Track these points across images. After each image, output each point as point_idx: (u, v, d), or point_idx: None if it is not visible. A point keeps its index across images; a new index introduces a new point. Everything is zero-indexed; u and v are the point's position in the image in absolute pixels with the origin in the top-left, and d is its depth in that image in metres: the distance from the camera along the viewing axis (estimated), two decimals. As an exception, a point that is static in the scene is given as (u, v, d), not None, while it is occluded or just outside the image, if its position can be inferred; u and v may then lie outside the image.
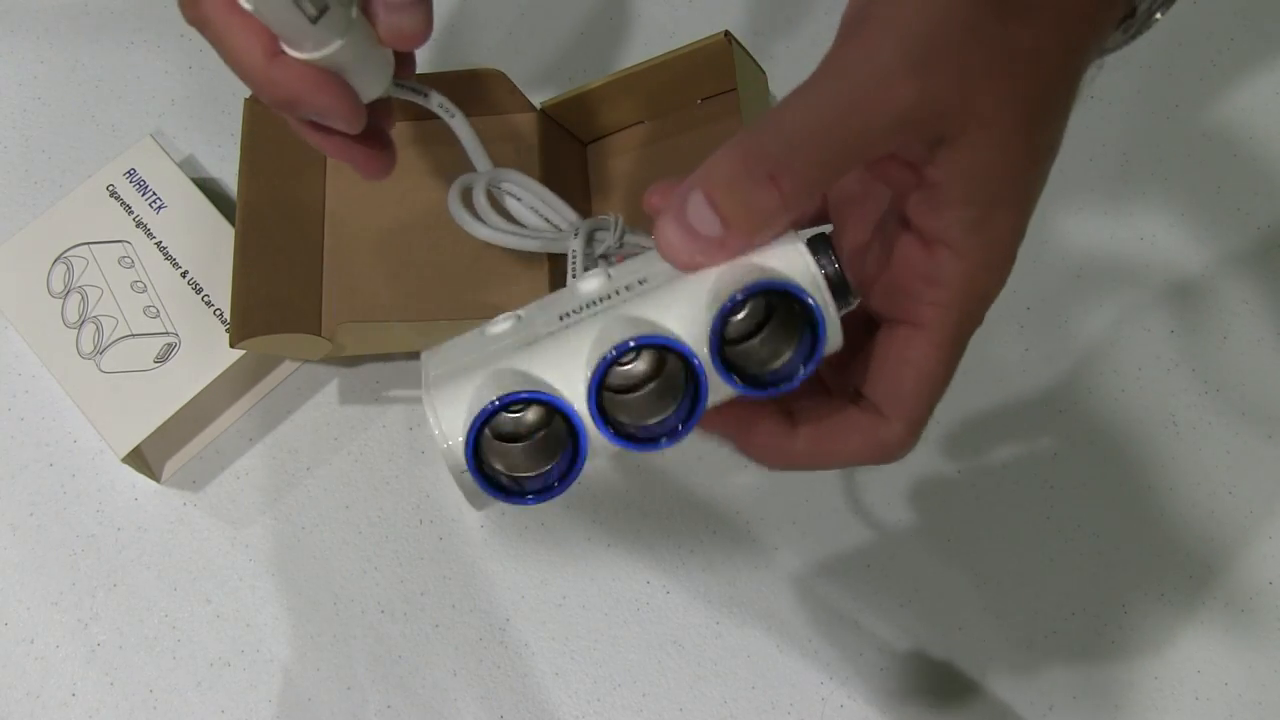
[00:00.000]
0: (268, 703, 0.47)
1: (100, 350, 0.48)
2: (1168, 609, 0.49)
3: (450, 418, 0.27)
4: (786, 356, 0.27)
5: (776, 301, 0.28)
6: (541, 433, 0.29)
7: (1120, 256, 0.54)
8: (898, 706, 0.47)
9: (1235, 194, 0.55)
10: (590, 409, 0.26)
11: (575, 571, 0.49)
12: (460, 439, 0.26)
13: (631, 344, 0.26)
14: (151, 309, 0.49)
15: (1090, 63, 0.28)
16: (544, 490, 0.27)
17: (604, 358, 0.26)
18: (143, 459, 0.49)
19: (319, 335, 0.47)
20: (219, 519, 0.49)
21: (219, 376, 0.47)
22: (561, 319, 0.28)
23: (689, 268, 0.27)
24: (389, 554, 0.49)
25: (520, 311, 0.29)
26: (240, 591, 0.48)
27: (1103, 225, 0.54)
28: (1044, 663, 0.48)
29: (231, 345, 0.44)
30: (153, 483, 0.50)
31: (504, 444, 0.28)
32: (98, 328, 0.48)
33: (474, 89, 0.49)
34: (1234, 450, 0.51)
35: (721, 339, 0.26)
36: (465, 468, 0.26)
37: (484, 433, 0.26)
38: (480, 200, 0.40)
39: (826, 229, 0.32)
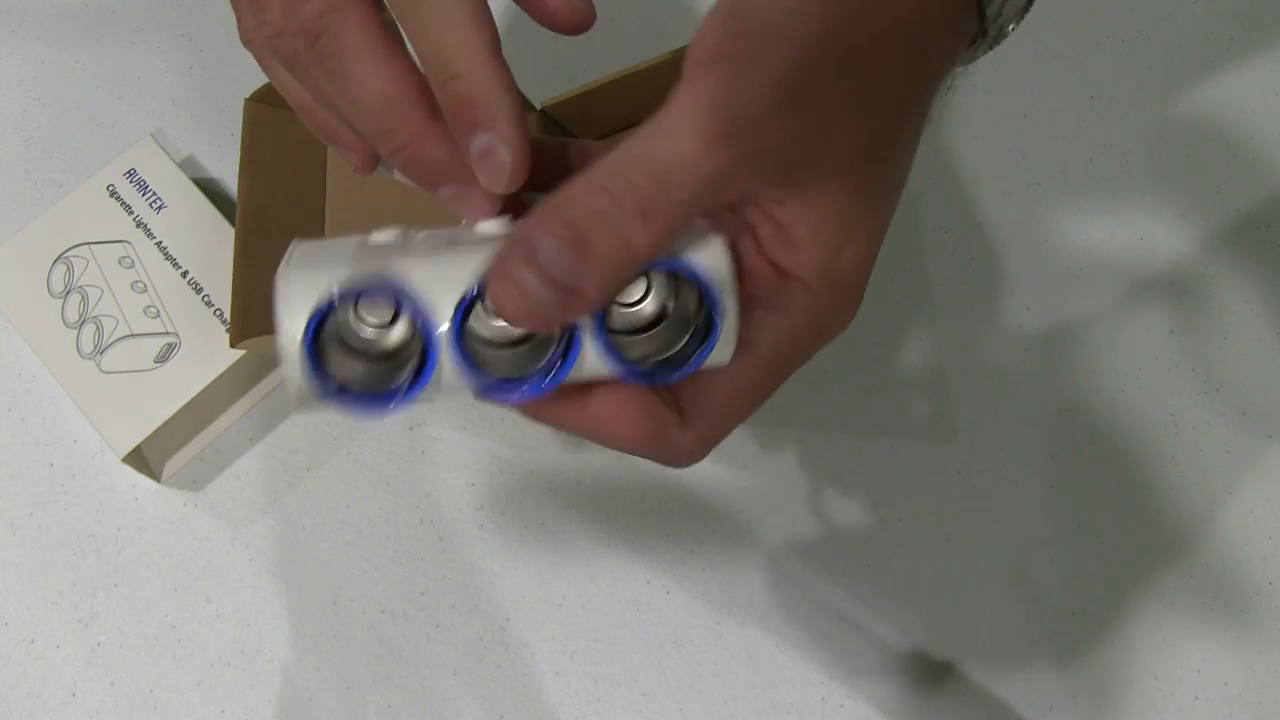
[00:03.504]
0: (268, 703, 0.47)
1: (100, 350, 0.48)
2: (1168, 609, 0.49)
3: (301, 297, 0.25)
4: (667, 353, 0.27)
5: (677, 295, 0.27)
6: (387, 361, 0.27)
7: (1120, 256, 0.54)
8: (898, 706, 0.47)
9: (1235, 194, 0.55)
10: (453, 326, 0.25)
11: (575, 571, 0.49)
12: (307, 313, 0.25)
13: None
14: (151, 309, 0.49)
15: (940, 88, 0.28)
16: (382, 397, 0.25)
17: (479, 282, 0.25)
18: (143, 459, 0.49)
19: (319, 335, 0.47)
20: (219, 519, 0.49)
21: (219, 376, 0.47)
22: (449, 245, 0.26)
23: (537, 325, 0.24)
24: (389, 554, 0.49)
25: (410, 229, 0.28)
26: (240, 591, 0.48)
27: (1103, 225, 0.54)
28: (1044, 663, 0.48)
29: (231, 345, 0.44)
30: (153, 483, 0.50)
31: (351, 360, 0.27)
32: (98, 328, 0.48)
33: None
34: (1234, 450, 0.51)
35: (604, 312, 0.25)
36: (301, 346, 0.24)
37: (335, 315, 0.25)
38: None
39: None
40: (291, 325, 0.25)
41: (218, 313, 0.48)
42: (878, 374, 0.52)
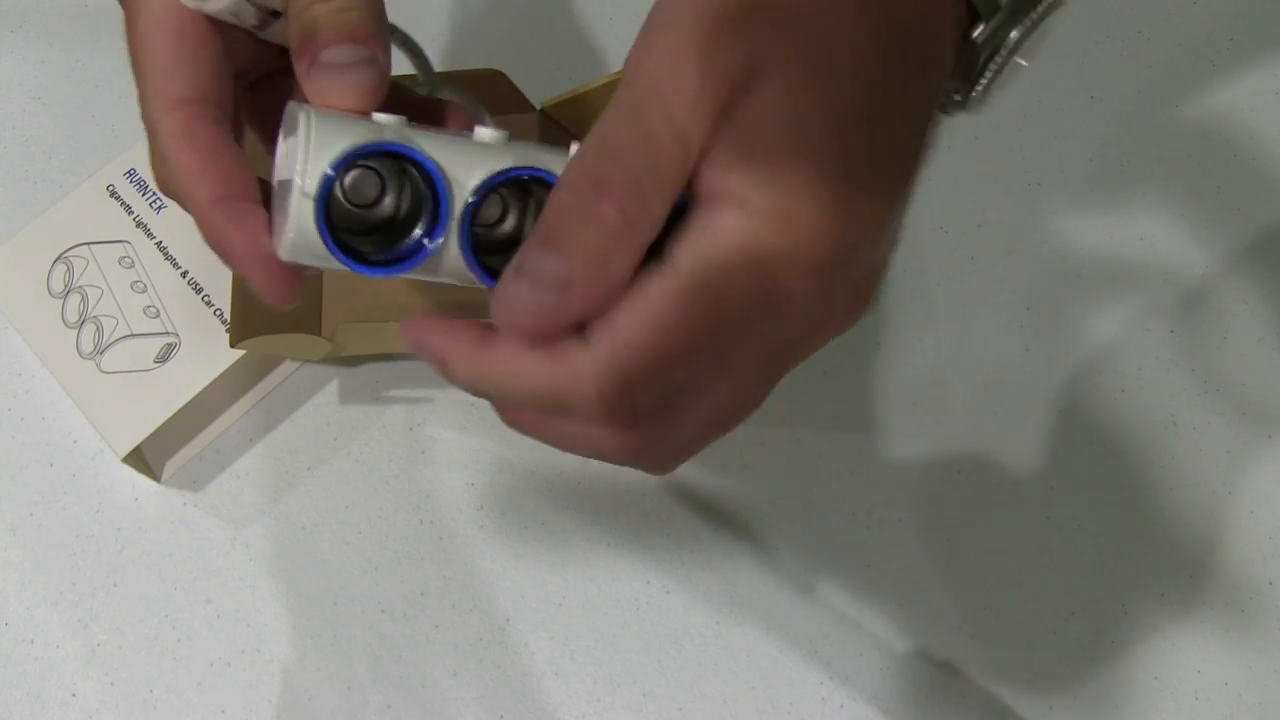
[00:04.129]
0: (268, 703, 0.47)
1: (100, 350, 0.48)
2: (1167, 609, 0.49)
3: (330, 136, 0.24)
4: None
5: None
6: (369, 233, 0.27)
7: (1120, 256, 0.54)
8: (898, 706, 0.47)
9: (1235, 194, 0.55)
10: (468, 209, 0.26)
11: (575, 571, 0.49)
12: (335, 154, 0.24)
13: (526, 174, 0.26)
14: (151, 309, 0.49)
15: (937, 92, 0.27)
16: (400, 260, 0.25)
17: (505, 170, 0.26)
18: (143, 459, 0.49)
19: (319, 335, 0.47)
20: (219, 519, 0.49)
21: (219, 376, 0.47)
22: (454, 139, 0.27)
23: (538, 331, 0.25)
24: (389, 554, 0.49)
25: (411, 122, 0.28)
26: (240, 591, 0.48)
27: (1103, 225, 0.54)
28: (1044, 663, 0.48)
29: (231, 345, 0.44)
30: (153, 483, 0.50)
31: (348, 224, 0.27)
32: (98, 328, 0.48)
33: (474, 89, 0.49)
34: (1234, 450, 0.51)
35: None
36: (319, 185, 0.24)
37: (352, 171, 0.25)
38: None
39: None
40: (317, 160, 0.24)
41: (218, 313, 0.48)
42: (878, 374, 0.52)
